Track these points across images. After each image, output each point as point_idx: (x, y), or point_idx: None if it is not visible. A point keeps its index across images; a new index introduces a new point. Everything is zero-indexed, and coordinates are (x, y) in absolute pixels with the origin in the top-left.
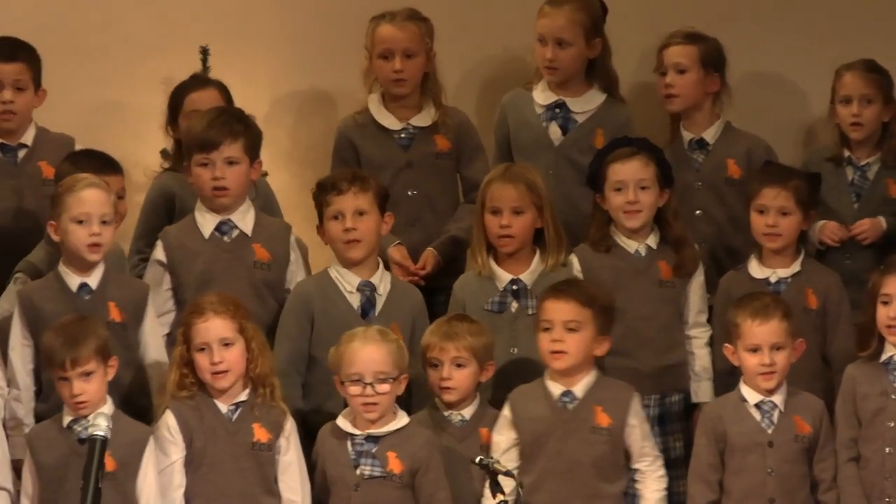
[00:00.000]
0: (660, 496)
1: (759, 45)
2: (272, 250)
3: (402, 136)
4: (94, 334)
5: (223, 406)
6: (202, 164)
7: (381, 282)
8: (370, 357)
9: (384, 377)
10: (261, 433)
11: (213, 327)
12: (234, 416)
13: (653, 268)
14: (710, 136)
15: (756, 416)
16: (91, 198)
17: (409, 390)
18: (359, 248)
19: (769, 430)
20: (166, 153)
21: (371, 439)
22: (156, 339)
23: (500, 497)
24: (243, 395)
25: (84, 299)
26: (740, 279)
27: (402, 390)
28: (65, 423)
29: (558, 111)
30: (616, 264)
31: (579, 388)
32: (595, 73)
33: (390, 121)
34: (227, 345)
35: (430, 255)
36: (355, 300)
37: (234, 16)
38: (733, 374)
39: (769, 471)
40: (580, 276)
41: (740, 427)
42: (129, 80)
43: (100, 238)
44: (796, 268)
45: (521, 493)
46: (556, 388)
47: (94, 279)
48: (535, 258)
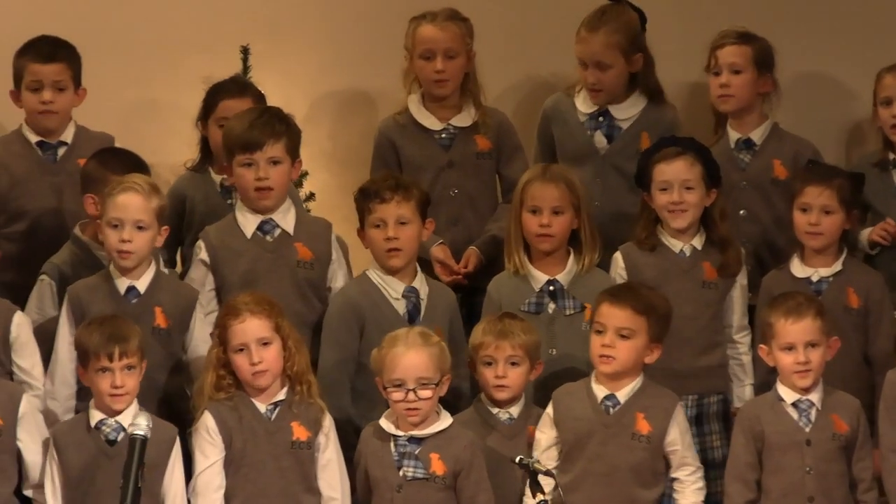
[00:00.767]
0: None
1: (807, 46)
2: (314, 249)
3: (443, 136)
4: (137, 331)
5: (261, 406)
6: (245, 164)
7: (422, 285)
8: (412, 363)
9: (426, 382)
10: (300, 431)
11: (251, 328)
12: (273, 416)
13: (696, 268)
14: (757, 136)
15: (793, 415)
16: (125, 203)
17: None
18: (400, 257)
19: (807, 429)
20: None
21: (414, 440)
22: (204, 343)
23: (539, 497)
24: (281, 394)
25: (131, 303)
26: (782, 279)
27: (444, 392)
28: (92, 423)
29: (602, 119)
30: (660, 263)
31: (623, 393)
32: (638, 83)
33: (431, 121)
34: (265, 344)
35: (472, 254)
36: (401, 307)
37: (275, 16)
38: (775, 372)
39: (808, 469)
40: (624, 275)
41: (778, 426)
42: (169, 80)
43: (130, 245)
44: (838, 267)
45: (561, 493)
46: (600, 391)
47: (142, 283)
48: (571, 259)
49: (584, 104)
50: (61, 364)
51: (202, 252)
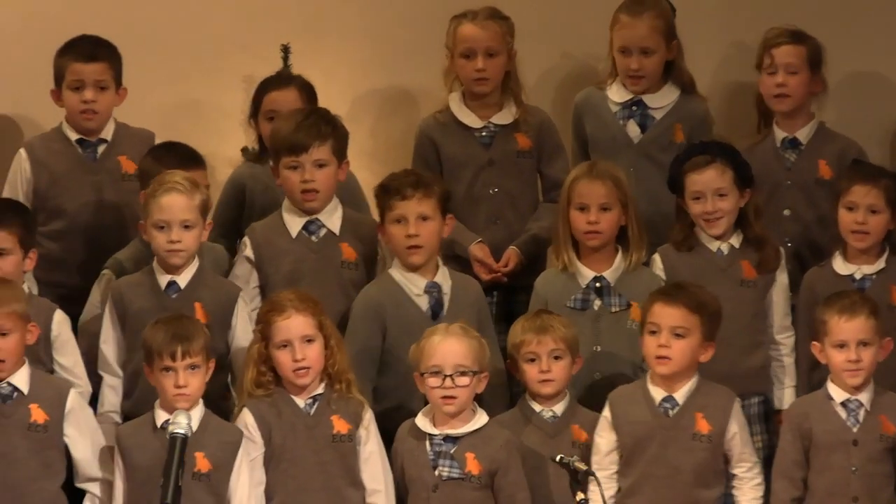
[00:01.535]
0: None
1: (853, 45)
2: (359, 249)
3: (484, 134)
4: (203, 331)
5: (300, 401)
6: (291, 166)
7: (445, 280)
8: (451, 349)
9: (464, 370)
10: (340, 425)
11: (295, 325)
12: (312, 410)
13: (734, 267)
14: (803, 135)
15: (842, 414)
16: (169, 204)
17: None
18: (420, 254)
19: (854, 429)
20: (247, 151)
21: (449, 440)
22: (246, 340)
23: (580, 496)
24: (320, 389)
25: (171, 298)
26: (824, 276)
27: (482, 388)
28: (158, 423)
29: (635, 108)
30: (698, 263)
31: (680, 394)
32: (671, 73)
33: (471, 119)
34: (308, 341)
35: (513, 254)
36: (424, 302)
37: (315, 14)
38: (816, 369)
39: (853, 469)
40: (662, 276)
41: (826, 425)
42: (210, 78)
43: (179, 244)
44: (881, 265)
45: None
46: (657, 393)
47: (183, 279)
48: (618, 256)
49: (617, 94)
50: (108, 358)
51: (247, 249)
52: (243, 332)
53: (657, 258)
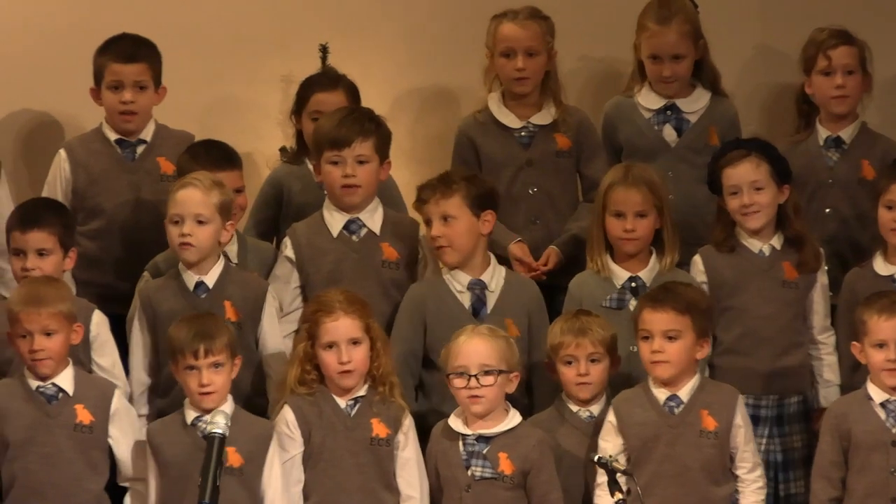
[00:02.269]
0: None
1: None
2: (400, 249)
3: (523, 134)
4: (226, 329)
5: (342, 401)
6: (333, 161)
7: (493, 278)
8: (475, 349)
9: (489, 370)
10: (379, 428)
11: (343, 326)
12: (353, 412)
13: (776, 267)
14: (846, 135)
15: (881, 414)
16: (183, 198)
17: (528, 386)
18: (448, 253)
19: (893, 430)
20: (285, 151)
21: (482, 440)
22: (274, 335)
23: (618, 496)
24: (362, 391)
25: (200, 298)
26: (865, 276)
27: (513, 388)
28: (188, 419)
29: (670, 113)
30: (739, 264)
31: (684, 392)
32: (700, 72)
33: (510, 119)
34: (355, 343)
35: (552, 253)
36: (466, 299)
37: (353, 13)
38: (857, 370)
39: (892, 470)
40: (703, 277)
41: (865, 426)
42: (248, 78)
43: (191, 238)
44: None
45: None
46: (661, 394)
47: (210, 278)
48: (653, 257)
49: (649, 100)
50: (132, 363)
51: (288, 249)
52: (270, 327)
53: (698, 259)
